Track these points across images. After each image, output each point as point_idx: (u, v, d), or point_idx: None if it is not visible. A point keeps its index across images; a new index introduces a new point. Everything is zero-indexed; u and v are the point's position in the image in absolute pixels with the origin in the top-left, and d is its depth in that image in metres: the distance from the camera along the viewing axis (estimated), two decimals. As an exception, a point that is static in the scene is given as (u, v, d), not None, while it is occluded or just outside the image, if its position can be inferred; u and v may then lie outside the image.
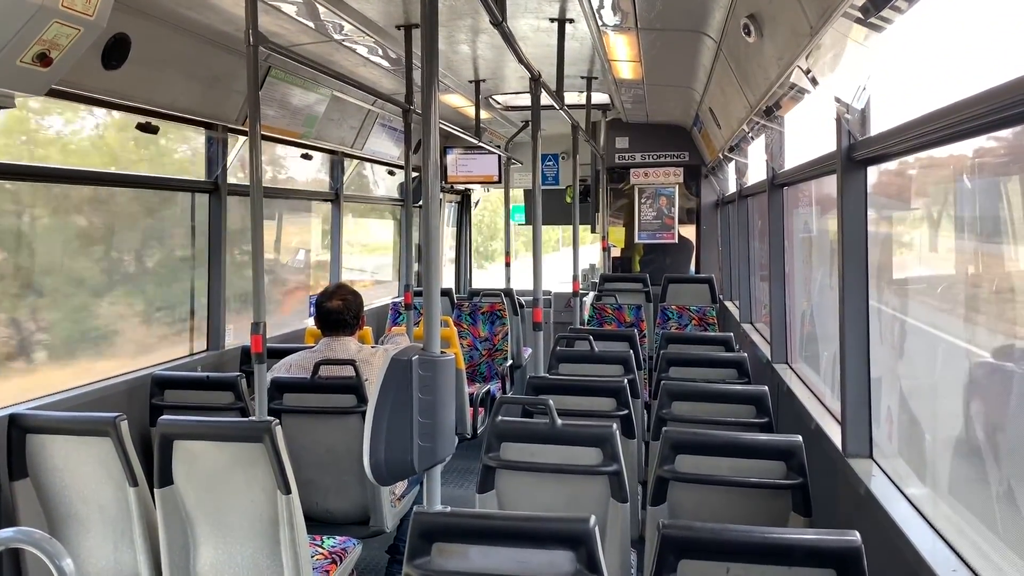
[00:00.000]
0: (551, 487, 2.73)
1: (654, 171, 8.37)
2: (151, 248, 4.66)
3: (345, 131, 5.97)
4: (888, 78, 2.68)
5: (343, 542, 3.33)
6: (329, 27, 4.24)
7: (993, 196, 2.37)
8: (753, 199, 6.21)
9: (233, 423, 3.02)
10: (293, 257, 6.95)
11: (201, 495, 2.86)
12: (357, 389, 3.57)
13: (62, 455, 2.95)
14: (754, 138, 5.20)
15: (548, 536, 1.80)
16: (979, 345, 2.50)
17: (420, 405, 1.90)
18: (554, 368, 4.20)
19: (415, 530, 1.84)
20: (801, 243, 4.84)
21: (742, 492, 2.56)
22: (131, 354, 4.28)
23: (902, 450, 2.93)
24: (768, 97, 3.74)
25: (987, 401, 2.43)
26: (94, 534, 3.00)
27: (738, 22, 3.42)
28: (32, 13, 2.24)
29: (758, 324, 6.20)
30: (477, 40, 4.82)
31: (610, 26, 4.31)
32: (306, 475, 3.52)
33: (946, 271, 2.87)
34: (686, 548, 1.75)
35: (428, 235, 2.11)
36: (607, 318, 6.84)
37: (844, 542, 1.69)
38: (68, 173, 3.90)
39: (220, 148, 4.66)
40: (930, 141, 2.26)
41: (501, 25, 3.05)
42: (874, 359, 2.90)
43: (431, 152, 2.04)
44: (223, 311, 4.72)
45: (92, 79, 3.38)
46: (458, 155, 8.54)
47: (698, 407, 3.32)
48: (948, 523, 2.25)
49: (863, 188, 2.86)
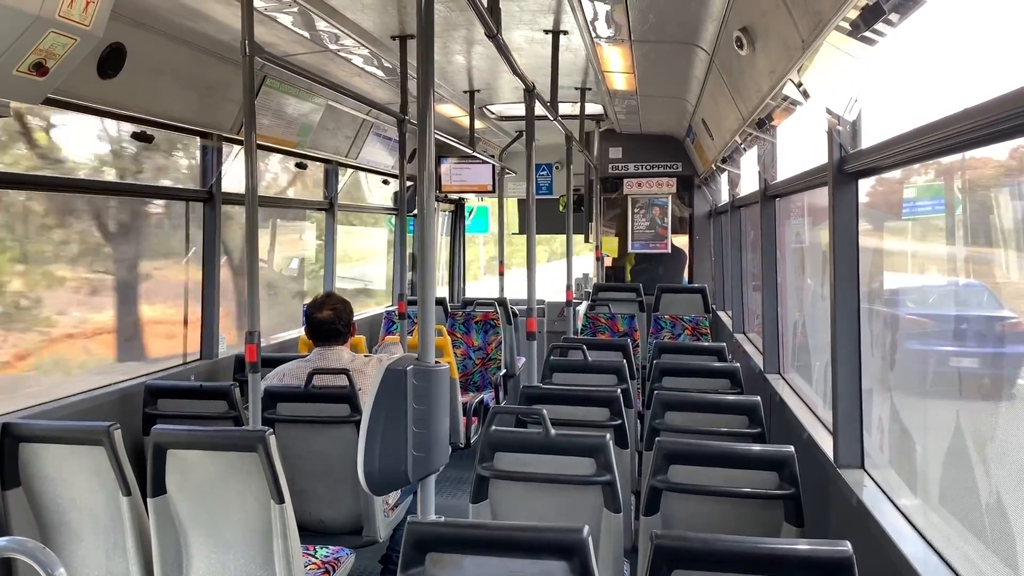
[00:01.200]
0: (544, 497, 2.73)
1: (647, 181, 8.40)
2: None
3: (339, 140, 5.98)
4: (880, 91, 2.71)
5: (336, 552, 3.33)
6: (324, 38, 4.26)
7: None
8: (746, 210, 6.24)
9: (227, 432, 3.02)
10: (286, 266, 6.95)
11: (194, 504, 2.85)
12: (351, 399, 3.57)
13: (55, 464, 2.94)
14: (747, 149, 5.23)
15: (542, 546, 1.81)
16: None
17: (414, 415, 1.90)
18: (547, 378, 4.21)
19: (409, 540, 1.84)
20: (793, 254, 4.87)
21: (735, 502, 2.57)
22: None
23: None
24: (760, 109, 3.77)
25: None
26: (86, 543, 2.99)
27: (731, 35, 3.45)
28: (29, 23, 2.25)
29: (751, 334, 6.22)
30: (472, 51, 4.84)
31: (604, 38, 4.34)
32: (299, 485, 3.52)
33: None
34: (679, 558, 1.75)
35: (424, 244, 2.12)
36: (600, 328, 6.85)
37: (836, 552, 1.70)
38: (61, 182, 3.90)
39: (215, 157, 4.66)
40: (921, 154, 2.28)
41: (496, 37, 3.07)
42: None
43: (427, 161, 2.05)
44: (216, 320, 4.72)
45: (88, 88, 3.39)
46: (452, 164, 8.57)
47: (691, 417, 3.33)
48: (938, 533, 2.26)
49: (854, 200, 2.88)
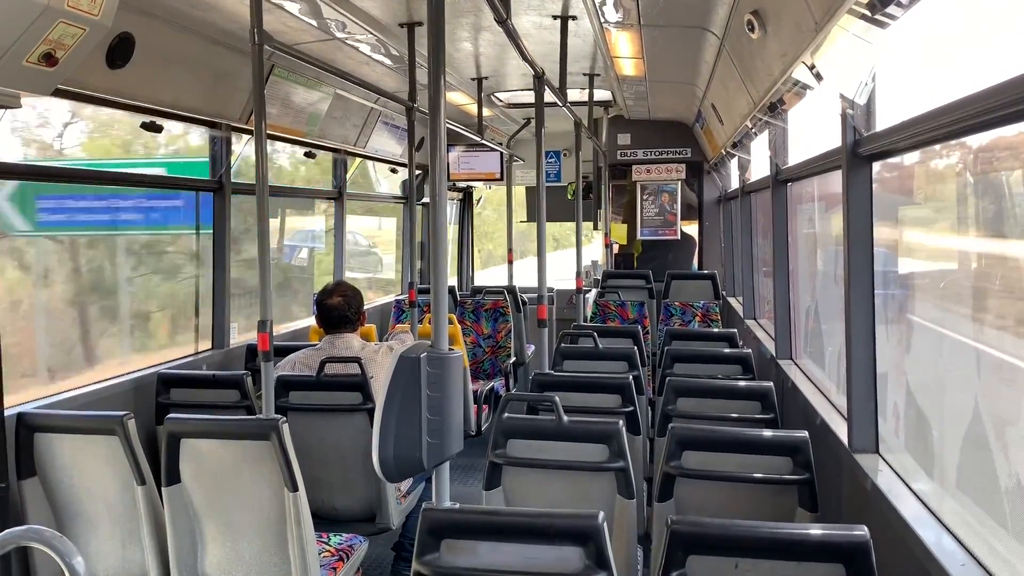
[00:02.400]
0: (557, 484, 2.74)
1: (656, 168, 8.35)
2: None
3: (348, 129, 5.97)
4: (893, 73, 2.68)
5: (349, 539, 3.34)
6: (332, 25, 4.24)
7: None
8: (756, 195, 6.20)
9: (240, 421, 3.02)
10: (296, 254, 6.96)
11: (208, 493, 2.86)
12: (362, 387, 3.57)
13: (70, 454, 2.96)
14: (757, 134, 5.19)
15: (557, 532, 1.81)
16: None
17: (429, 402, 1.90)
18: (558, 365, 4.20)
19: (424, 527, 1.85)
20: (805, 239, 4.84)
21: (748, 488, 2.56)
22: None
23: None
24: (772, 93, 3.73)
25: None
26: (102, 532, 3.02)
27: (741, 18, 3.42)
28: (38, 13, 2.25)
29: (762, 320, 6.20)
30: (479, 38, 4.82)
31: (612, 23, 4.31)
32: (312, 473, 3.52)
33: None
34: (695, 544, 1.75)
35: (436, 233, 2.11)
36: (610, 315, 6.83)
37: (852, 536, 1.69)
38: (70, 172, 3.90)
39: (224, 147, 4.66)
40: (935, 136, 2.26)
41: (505, 23, 3.05)
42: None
43: (439, 150, 2.03)
44: (228, 310, 4.73)
45: (97, 78, 3.39)
46: (460, 152, 8.55)
47: (703, 403, 3.32)
48: (956, 517, 2.25)
49: (868, 183, 2.85)
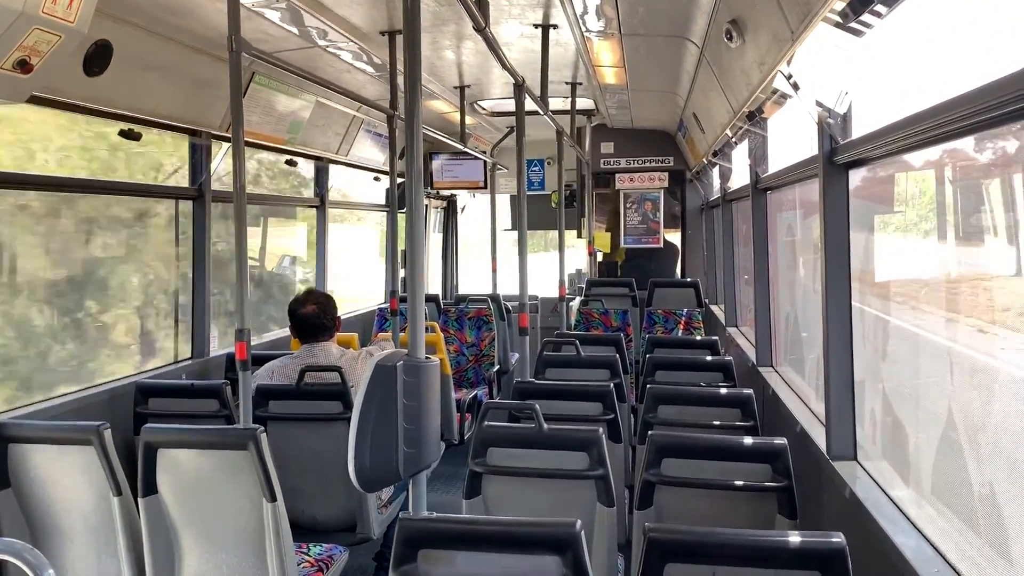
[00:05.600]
0: (538, 492, 2.73)
1: (639, 176, 8.40)
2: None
3: (330, 137, 5.95)
4: (869, 82, 2.71)
5: (329, 550, 3.31)
6: (313, 33, 4.23)
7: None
8: (737, 203, 6.24)
9: (218, 431, 3.00)
10: (278, 264, 6.92)
11: (186, 504, 2.83)
12: (343, 395, 3.55)
13: (45, 464, 2.92)
14: (738, 143, 5.22)
15: (534, 541, 1.80)
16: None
17: (405, 411, 1.89)
18: (541, 373, 4.20)
19: (400, 537, 1.83)
20: (784, 247, 4.87)
21: (728, 495, 2.57)
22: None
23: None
24: (751, 102, 3.76)
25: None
26: (77, 544, 2.97)
27: (720, 27, 3.44)
28: (12, 19, 2.23)
29: (743, 327, 6.22)
30: (461, 46, 4.82)
31: (594, 32, 4.33)
32: (292, 483, 3.50)
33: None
34: (672, 552, 1.75)
35: (413, 240, 2.10)
36: (594, 323, 6.84)
37: (829, 544, 1.70)
38: (50, 180, 3.87)
39: (204, 155, 4.63)
40: (911, 144, 2.28)
41: (484, 31, 3.06)
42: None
43: (415, 158, 2.04)
44: (208, 318, 4.70)
45: (73, 86, 3.36)
46: (444, 161, 8.54)
47: (684, 411, 3.33)
48: (932, 524, 2.26)
49: (845, 191, 2.88)
